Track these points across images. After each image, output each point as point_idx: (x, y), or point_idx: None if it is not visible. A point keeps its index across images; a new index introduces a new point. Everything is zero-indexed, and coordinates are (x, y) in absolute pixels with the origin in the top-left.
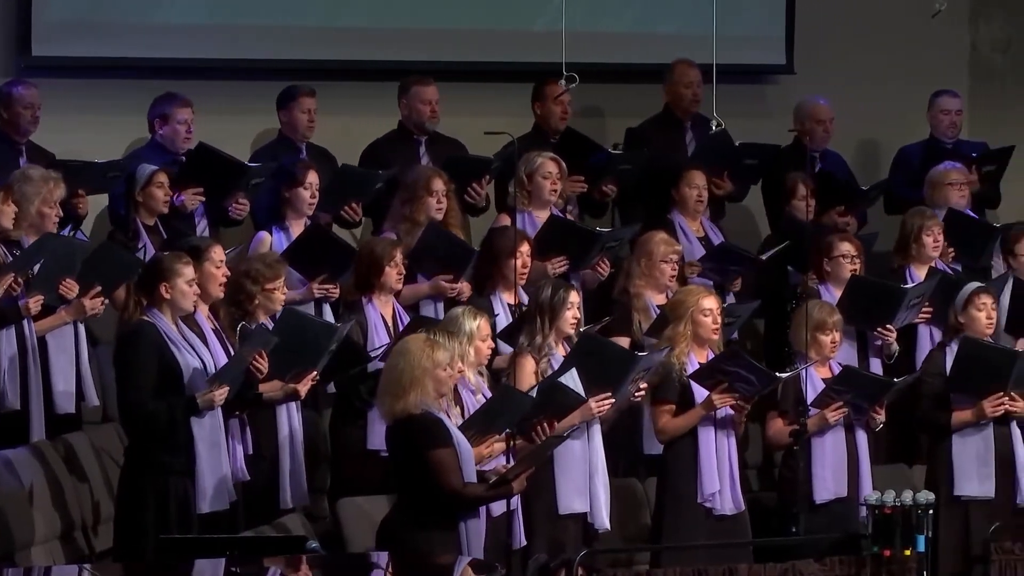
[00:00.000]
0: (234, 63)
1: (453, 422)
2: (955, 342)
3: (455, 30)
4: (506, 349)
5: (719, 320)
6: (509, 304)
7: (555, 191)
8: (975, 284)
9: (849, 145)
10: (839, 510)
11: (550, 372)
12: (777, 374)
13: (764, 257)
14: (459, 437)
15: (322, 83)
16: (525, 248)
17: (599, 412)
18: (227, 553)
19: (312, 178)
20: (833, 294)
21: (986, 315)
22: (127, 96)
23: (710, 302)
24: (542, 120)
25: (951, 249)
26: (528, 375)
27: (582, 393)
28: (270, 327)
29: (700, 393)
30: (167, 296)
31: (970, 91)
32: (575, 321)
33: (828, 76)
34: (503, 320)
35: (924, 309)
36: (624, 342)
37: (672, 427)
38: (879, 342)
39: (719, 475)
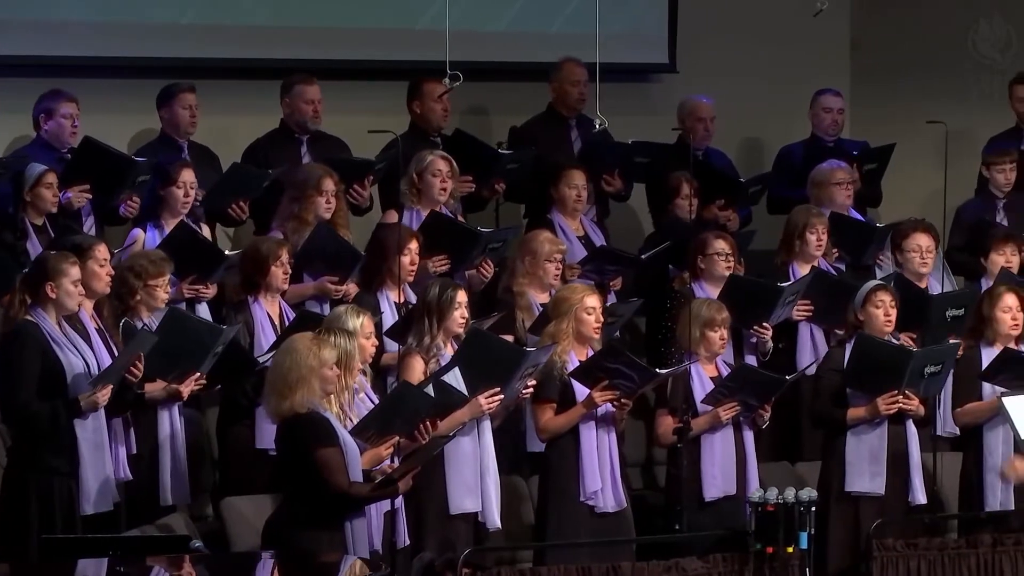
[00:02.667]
0: (116, 61)
1: (350, 423)
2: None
3: (338, 28)
4: (393, 347)
5: (601, 319)
6: (395, 302)
7: (444, 190)
8: (874, 282)
9: (732, 143)
10: (726, 508)
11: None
12: (657, 370)
13: (644, 256)
14: (345, 436)
15: (204, 81)
16: (414, 245)
17: (488, 409)
18: (110, 553)
19: (187, 177)
20: (707, 291)
21: (884, 312)
22: (8, 94)
23: (593, 300)
24: (420, 119)
25: (835, 249)
26: (416, 375)
27: (465, 391)
28: (152, 324)
29: (581, 391)
30: (53, 296)
31: (851, 90)
32: (463, 321)
33: (710, 74)
34: (389, 318)
35: (804, 308)
36: (508, 340)
37: (553, 425)
38: (754, 339)
39: (601, 473)
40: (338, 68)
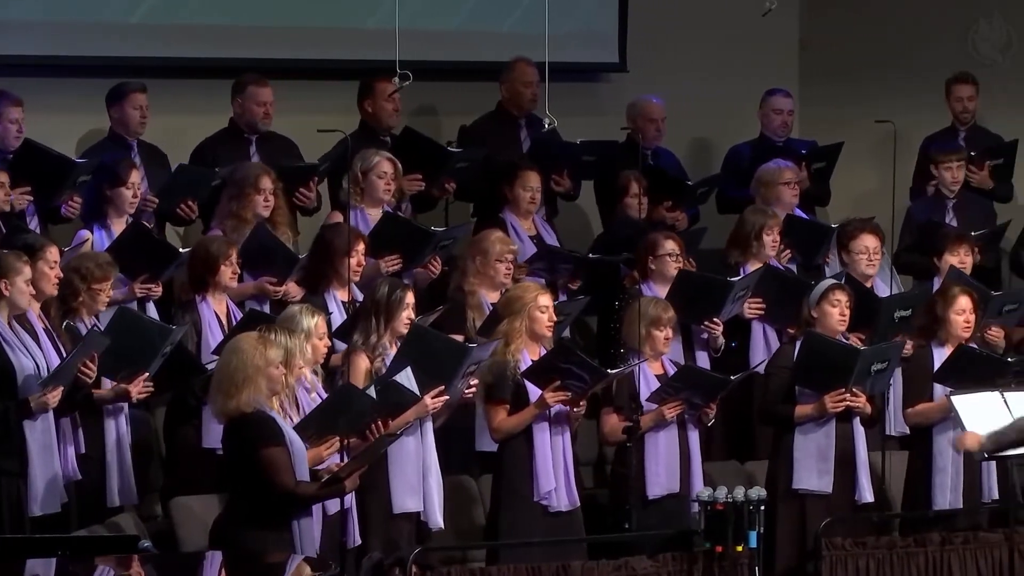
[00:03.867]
0: (66, 60)
1: (292, 422)
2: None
3: (288, 28)
4: (342, 347)
5: (554, 318)
6: (343, 301)
7: (389, 190)
8: (831, 280)
9: (681, 143)
10: (671, 506)
11: (383, 371)
12: (609, 371)
13: (591, 257)
14: (292, 435)
15: (154, 81)
16: (361, 247)
17: (434, 408)
18: (59, 553)
19: (135, 177)
20: (656, 292)
21: (840, 312)
22: None
23: (546, 299)
24: (371, 118)
25: (787, 250)
26: (361, 373)
27: (417, 391)
28: (100, 326)
29: (535, 391)
30: (6, 294)
31: (799, 90)
32: (410, 321)
33: (660, 74)
34: (338, 318)
35: (756, 305)
36: (458, 339)
37: (506, 426)
38: (705, 335)
39: (555, 472)
40: (288, 67)
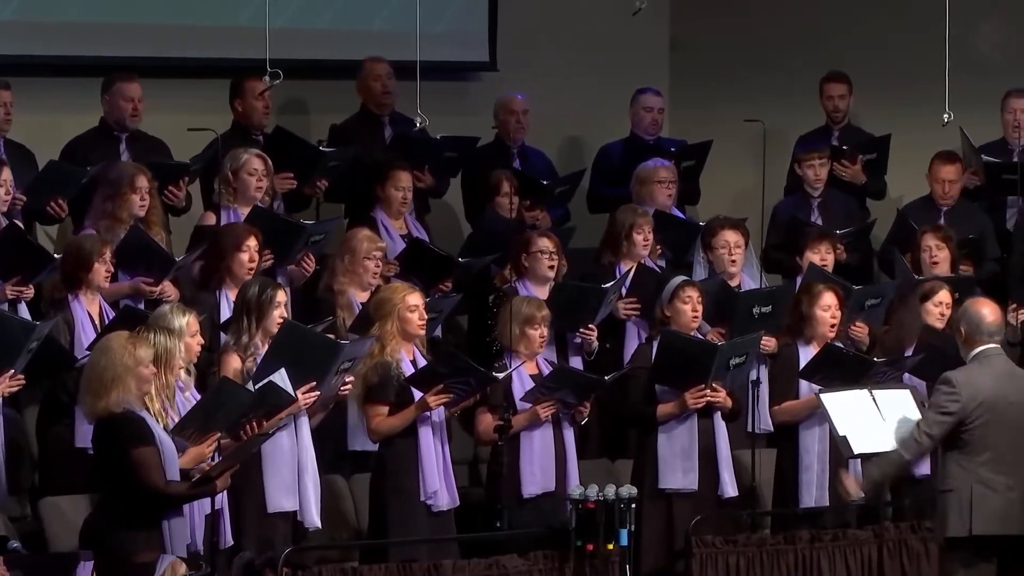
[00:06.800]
0: None
1: (172, 422)
2: None
3: (159, 25)
4: None
5: (425, 316)
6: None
7: (261, 188)
8: (680, 278)
9: (553, 142)
10: (546, 505)
11: (255, 370)
12: (494, 374)
13: (462, 261)
14: (162, 435)
15: (21, 79)
16: (253, 243)
17: (306, 404)
18: None
19: (6, 175)
20: (531, 290)
21: (691, 308)
22: None
23: (415, 298)
24: (243, 116)
25: (658, 247)
26: (233, 373)
27: (292, 393)
28: None
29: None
30: None
31: (670, 90)
32: (282, 320)
33: (531, 73)
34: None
35: (631, 305)
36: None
37: (386, 427)
38: (578, 340)
39: (438, 472)
40: (159, 65)
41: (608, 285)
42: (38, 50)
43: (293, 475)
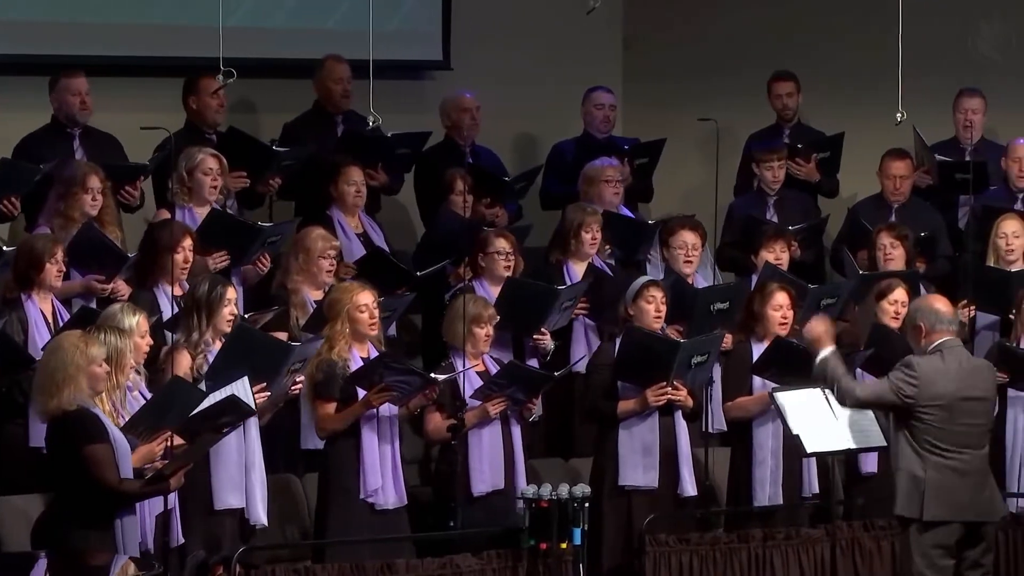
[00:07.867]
0: None
1: (123, 421)
2: None
3: (112, 24)
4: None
5: (376, 315)
6: (175, 295)
7: (215, 187)
8: (645, 278)
9: (506, 140)
10: (497, 503)
11: (206, 368)
12: (434, 375)
13: (420, 274)
14: (116, 433)
15: None
16: (188, 242)
17: (257, 403)
18: None
19: None
20: (488, 290)
21: (655, 308)
22: None
23: (365, 297)
24: (196, 115)
25: (608, 246)
26: (183, 370)
27: (253, 404)
28: None
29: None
30: None
31: (623, 88)
32: (232, 318)
33: (485, 72)
34: (169, 313)
35: (580, 305)
36: (282, 337)
37: (331, 423)
38: (532, 343)
39: (382, 470)
40: (112, 64)
41: (563, 288)
42: None
43: (240, 472)
